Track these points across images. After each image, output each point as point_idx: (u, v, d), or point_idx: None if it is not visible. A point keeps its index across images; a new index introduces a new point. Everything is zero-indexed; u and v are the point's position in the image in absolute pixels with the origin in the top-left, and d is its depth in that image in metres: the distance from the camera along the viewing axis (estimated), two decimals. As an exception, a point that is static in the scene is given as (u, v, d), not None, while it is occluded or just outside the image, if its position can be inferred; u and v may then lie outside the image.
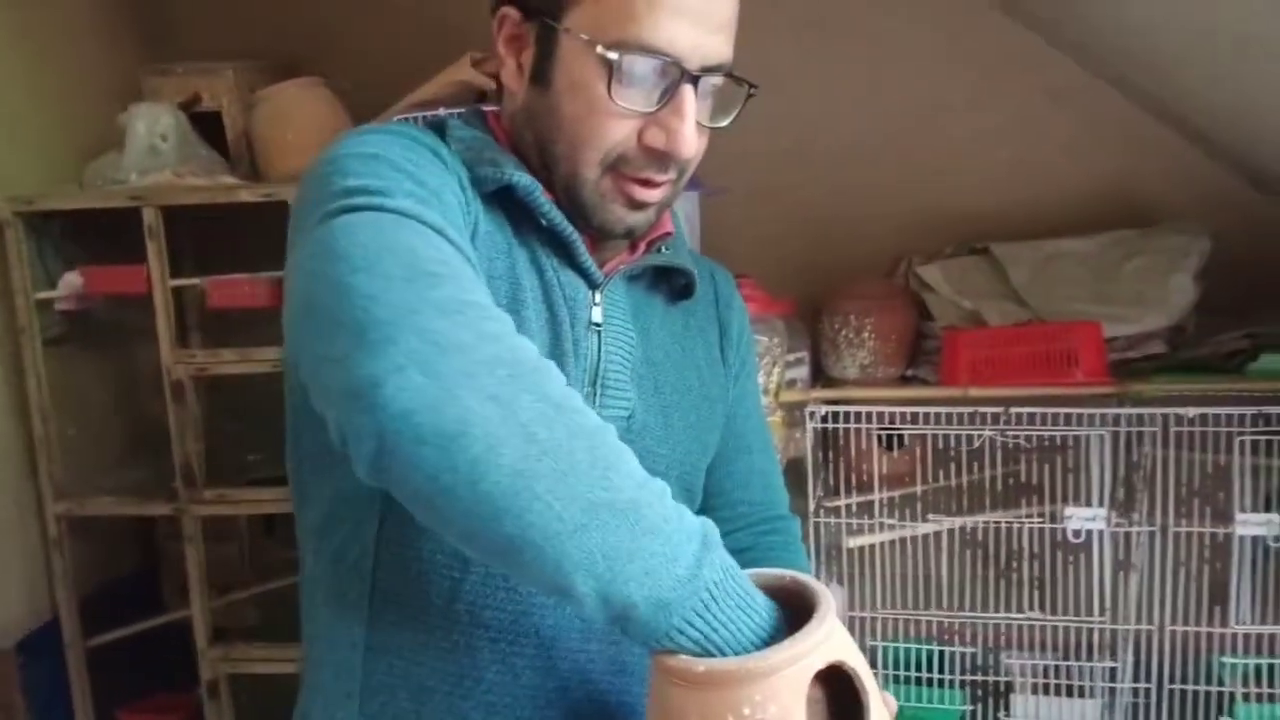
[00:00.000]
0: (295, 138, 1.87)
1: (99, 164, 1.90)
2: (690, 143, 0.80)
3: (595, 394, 0.84)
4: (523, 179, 0.82)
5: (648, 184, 0.82)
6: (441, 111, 1.60)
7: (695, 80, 0.79)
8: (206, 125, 1.94)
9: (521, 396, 0.61)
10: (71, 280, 1.82)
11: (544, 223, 0.83)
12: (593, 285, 0.86)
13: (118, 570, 2.08)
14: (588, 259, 0.85)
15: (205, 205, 1.78)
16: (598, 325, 0.85)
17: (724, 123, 0.86)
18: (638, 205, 0.83)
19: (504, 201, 0.83)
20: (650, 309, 0.92)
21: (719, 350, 0.99)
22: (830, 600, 0.67)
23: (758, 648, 0.62)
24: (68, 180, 1.95)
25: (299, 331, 0.68)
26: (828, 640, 0.64)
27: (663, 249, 0.92)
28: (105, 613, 1.96)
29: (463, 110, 0.92)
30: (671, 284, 0.95)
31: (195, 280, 1.79)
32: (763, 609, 0.64)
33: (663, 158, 0.81)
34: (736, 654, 0.62)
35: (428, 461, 0.59)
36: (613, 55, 0.77)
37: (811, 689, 0.63)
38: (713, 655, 0.62)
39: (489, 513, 0.59)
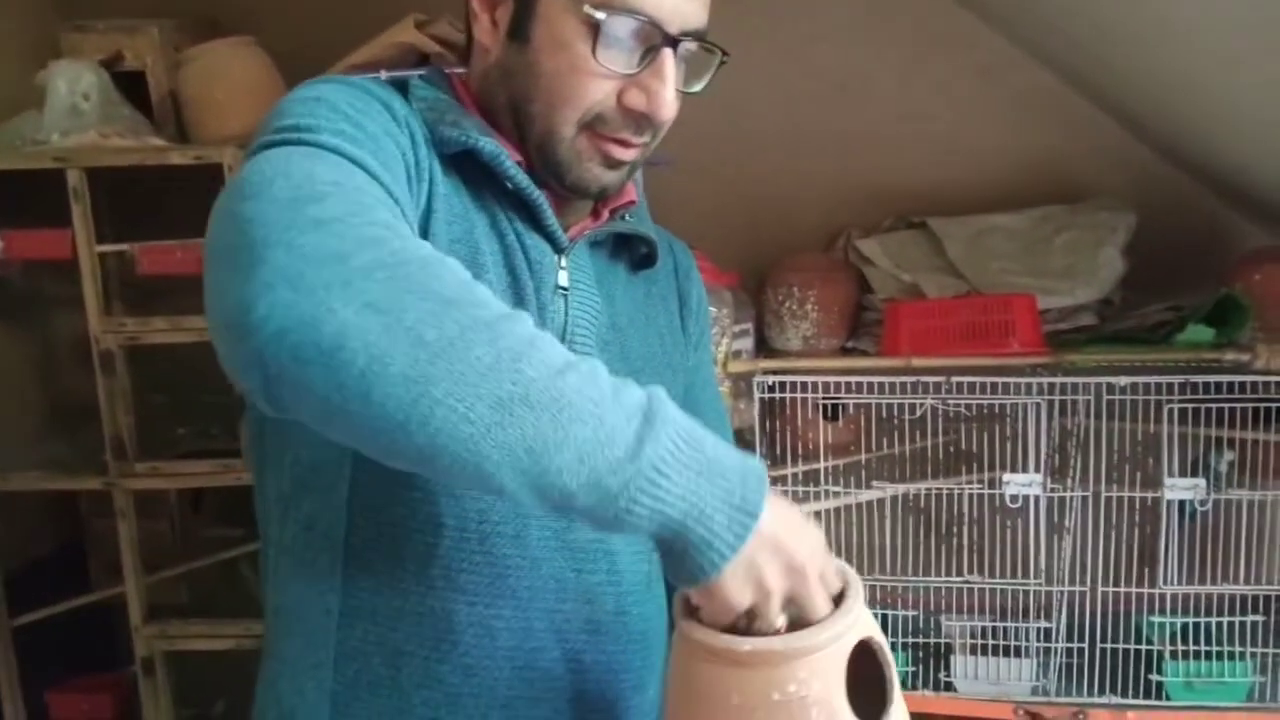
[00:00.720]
0: (226, 98, 1.81)
1: (16, 123, 1.81)
2: (670, 105, 0.81)
3: None
4: (487, 144, 0.81)
5: (624, 144, 0.83)
6: (383, 74, 1.56)
7: (675, 44, 0.80)
8: (129, 85, 1.86)
9: (405, 298, 0.58)
10: (-9, 245, 1.74)
11: (509, 186, 0.83)
12: (558, 249, 0.86)
13: (41, 549, 2.01)
14: (554, 222, 0.85)
15: (132, 167, 1.71)
16: (564, 289, 0.85)
17: (697, 88, 0.86)
18: (613, 164, 0.84)
19: (465, 165, 0.82)
20: (614, 275, 0.93)
21: (679, 319, 1.00)
22: (857, 577, 0.69)
23: (734, 515, 0.62)
24: (-18, 141, 1.85)
25: (205, 273, 0.64)
26: (861, 616, 0.66)
27: (626, 216, 0.93)
28: (30, 592, 1.89)
29: (425, 70, 0.91)
30: (633, 252, 0.95)
31: (123, 246, 1.73)
32: (733, 472, 0.63)
33: (641, 119, 0.81)
34: (706, 529, 0.62)
35: (315, 382, 0.57)
36: (599, 15, 0.77)
37: None
38: (680, 531, 0.62)
39: (391, 426, 0.58)
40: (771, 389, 1.62)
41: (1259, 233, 1.91)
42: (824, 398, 1.62)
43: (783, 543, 0.64)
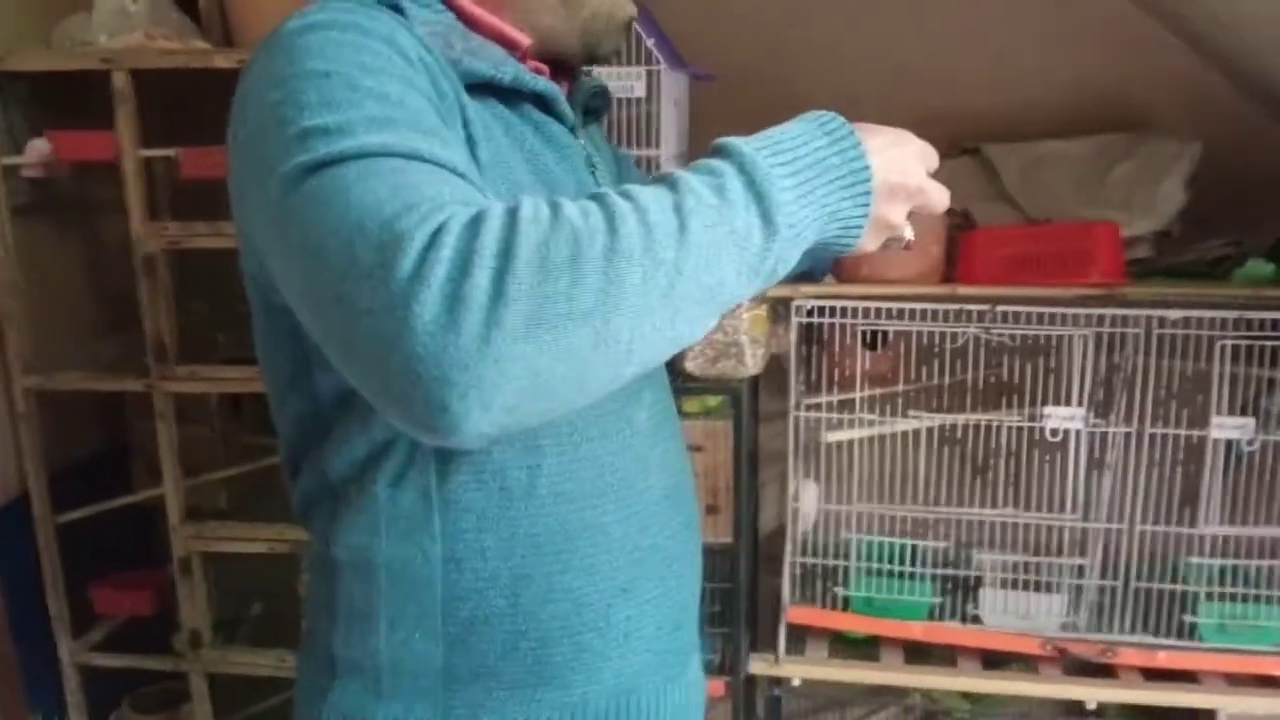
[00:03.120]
0: (269, 2, 1.79)
1: (67, 24, 1.81)
2: None
3: None
4: (508, 72, 0.79)
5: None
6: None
7: None
8: (177, -12, 1.85)
9: (544, 299, 0.57)
10: (39, 146, 1.75)
11: (531, 90, 0.82)
12: (569, 128, 0.87)
13: (86, 447, 2.06)
14: (567, 107, 0.86)
15: (178, 70, 1.70)
16: (593, 165, 0.88)
17: None
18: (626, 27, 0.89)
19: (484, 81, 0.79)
20: (598, 137, 0.98)
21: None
22: None
23: (853, 194, 0.70)
24: (34, 41, 1.86)
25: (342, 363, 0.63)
26: None
27: (582, 73, 0.93)
28: (74, 489, 1.94)
29: None
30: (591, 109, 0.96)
31: (168, 151, 1.73)
32: (828, 151, 0.69)
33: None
34: (841, 225, 0.70)
35: (534, 415, 0.61)
36: None
37: None
38: (824, 240, 0.70)
39: (606, 382, 0.62)
40: (810, 314, 1.59)
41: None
42: (864, 324, 1.59)
43: (896, 185, 0.72)
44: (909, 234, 0.77)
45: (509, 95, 0.81)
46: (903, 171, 0.72)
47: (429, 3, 0.82)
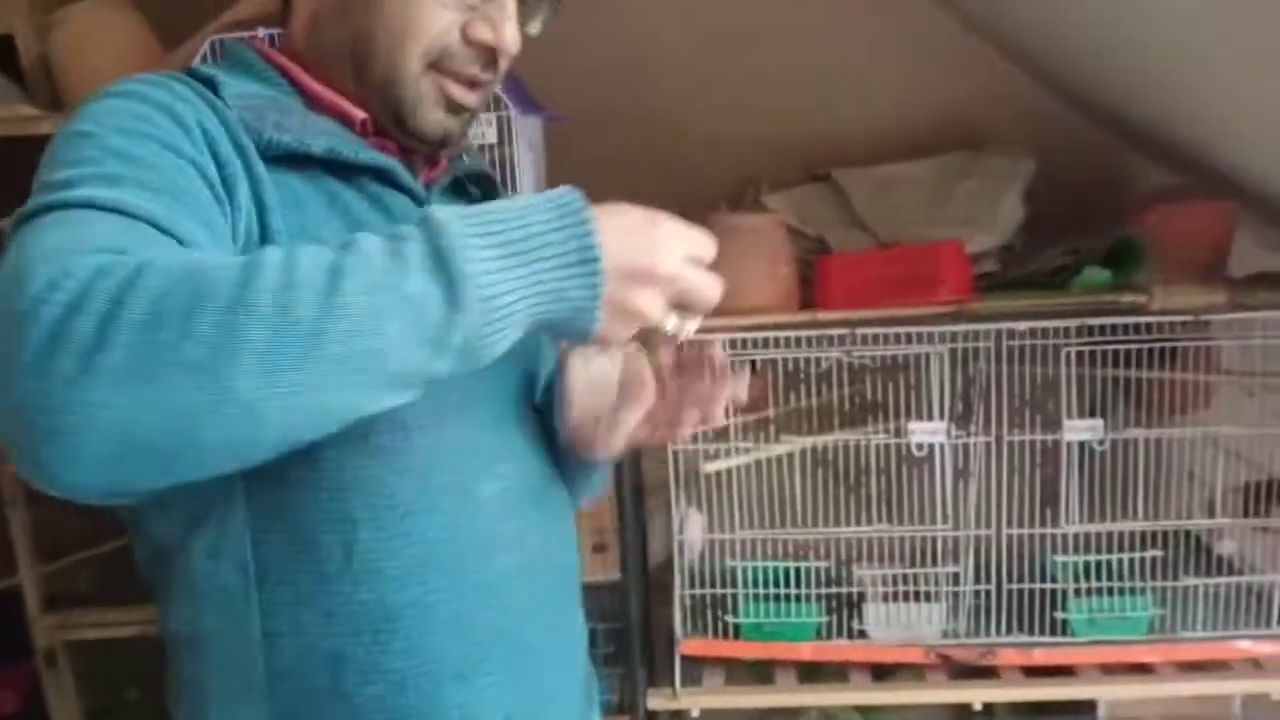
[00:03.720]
0: (101, 61, 1.71)
1: None
2: (515, 37, 0.82)
3: None
4: (319, 143, 0.77)
5: (472, 84, 0.83)
6: (260, 32, 1.50)
7: None
8: (-3, 50, 1.76)
9: (149, 346, 0.54)
10: None
11: (355, 162, 0.80)
12: (419, 203, 0.85)
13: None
14: (410, 180, 0.84)
15: (4, 139, 1.62)
16: None
17: (534, 30, 0.88)
18: (456, 108, 0.84)
19: (298, 154, 0.78)
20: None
21: None
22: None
23: (578, 273, 0.64)
24: None
25: None
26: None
27: (462, 158, 0.93)
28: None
29: (229, 47, 0.87)
30: (470, 194, 0.95)
31: (-5, 223, 1.64)
32: (551, 230, 0.64)
33: (488, 52, 0.82)
34: (563, 302, 0.65)
35: (144, 473, 0.58)
36: None
37: None
38: (542, 318, 0.65)
39: (237, 445, 0.58)
40: (680, 347, 1.60)
41: (1158, 173, 1.94)
42: (732, 354, 1.61)
43: (635, 269, 0.66)
44: (672, 324, 0.70)
45: (341, 168, 0.80)
46: (646, 255, 0.66)
47: (268, 77, 0.83)
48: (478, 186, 0.95)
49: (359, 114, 0.83)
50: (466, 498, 0.80)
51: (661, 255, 0.67)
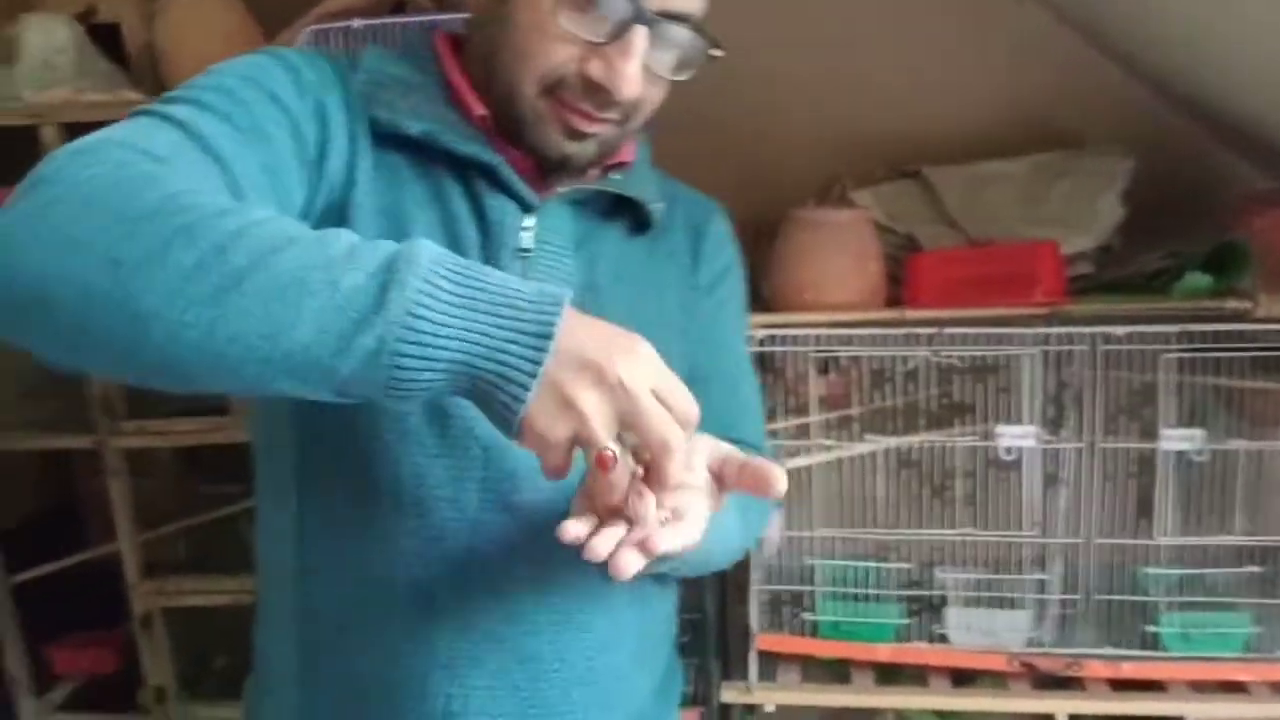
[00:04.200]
0: (203, 48, 1.76)
1: (-11, 80, 1.77)
2: (632, 84, 0.78)
3: None
4: (416, 127, 0.80)
5: (586, 116, 0.80)
6: (356, 23, 1.52)
7: (649, 22, 0.77)
8: (105, 38, 1.82)
9: (95, 228, 0.58)
10: (-34, 206, 1.71)
11: (447, 150, 0.81)
12: (525, 209, 0.84)
13: (37, 506, 2.02)
14: (515, 182, 0.83)
15: (108, 122, 1.67)
16: (525, 251, 0.84)
17: (681, 76, 0.84)
18: (574, 134, 0.82)
19: (410, 138, 0.81)
20: (602, 236, 0.90)
21: (691, 278, 0.97)
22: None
23: (526, 340, 0.59)
24: (-44, 98, 1.82)
25: None
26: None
27: (614, 177, 0.90)
28: (27, 549, 1.90)
29: (416, 22, 0.92)
30: (634, 215, 0.92)
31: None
32: (522, 298, 0.60)
33: (600, 93, 0.79)
34: (497, 362, 0.59)
35: (36, 335, 0.60)
36: None
37: None
38: (470, 372, 0.59)
39: (120, 350, 0.58)
40: (763, 343, 1.60)
41: (1261, 176, 1.86)
42: (816, 351, 1.60)
43: (590, 357, 0.60)
44: (613, 445, 0.61)
45: (455, 159, 0.82)
46: (604, 353, 0.60)
47: (420, 62, 0.86)
48: (629, 214, 0.91)
49: (478, 109, 0.84)
50: (499, 501, 0.81)
51: (622, 362, 0.60)
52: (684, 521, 0.66)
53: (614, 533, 0.63)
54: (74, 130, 1.65)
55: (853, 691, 1.66)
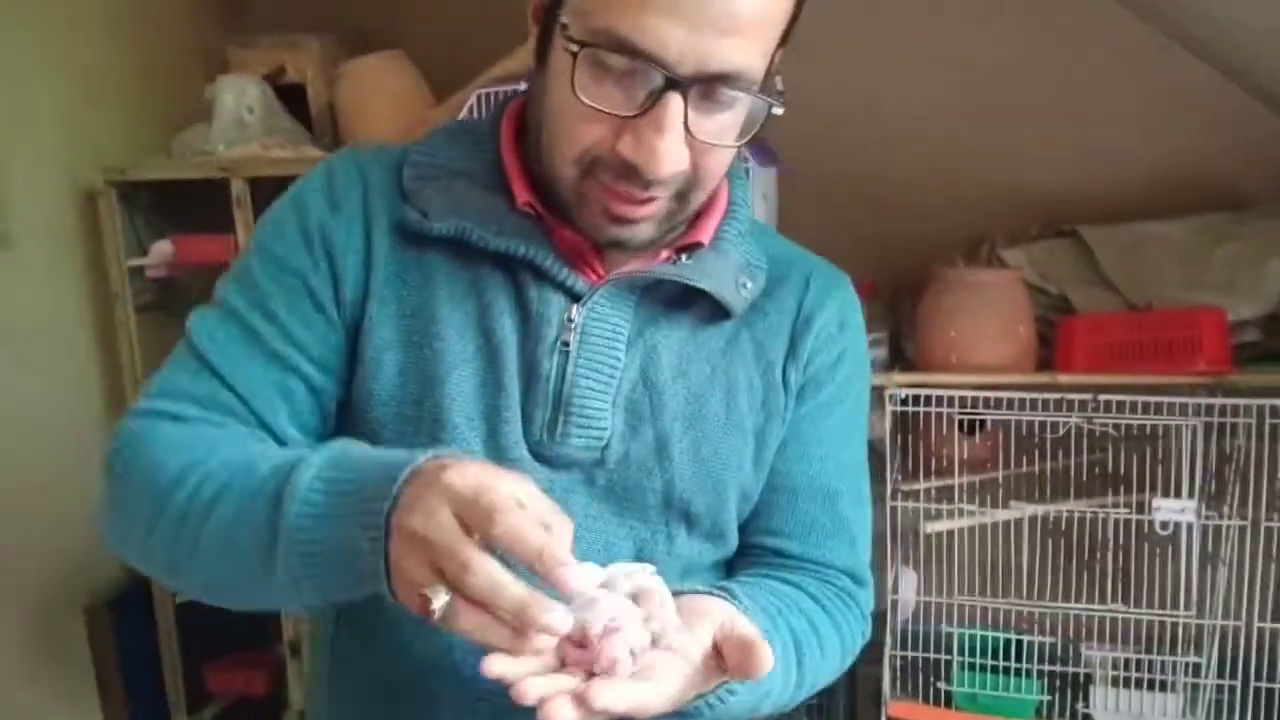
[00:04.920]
0: (378, 110, 1.89)
1: (186, 135, 1.93)
2: (666, 161, 0.68)
3: (559, 420, 0.77)
4: (446, 226, 0.76)
5: (627, 199, 0.72)
6: (524, 85, 1.59)
7: (683, 88, 0.67)
8: (290, 98, 1.97)
9: (144, 535, 0.72)
10: (162, 248, 1.86)
11: (481, 248, 0.76)
12: (575, 298, 0.77)
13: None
14: (559, 272, 0.77)
15: (291, 177, 1.80)
16: (566, 346, 0.77)
17: (738, 141, 0.73)
18: (618, 219, 0.73)
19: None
20: (670, 324, 0.80)
21: (780, 372, 0.83)
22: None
23: (369, 533, 0.59)
24: (155, 151, 1.99)
25: None
26: None
27: (683, 259, 0.80)
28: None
29: (470, 125, 0.86)
30: (715, 300, 0.80)
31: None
32: (369, 485, 0.60)
33: (635, 172, 0.69)
34: (362, 562, 0.59)
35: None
36: (572, 47, 0.67)
37: None
38: (353, 576, 0.61)
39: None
40: (905, 402, 1.58)
41: None
42: (961, 413, 1.57)
43: (412, 532, 0.56)
44: (438, 600, 0.54)
45: (498, 253, 0.77)
46: (424, 521, 0.56)
47: (479, 147, 0.81)
48: (709, 298, 0.80)
49: (522, 196, 0.78)
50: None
51: (438, 524, 0.56)
52: (645, 684, 0.58)
53: (557, 679, 0.57)
54: (258, 183, 1.80)
55: (988, 766, 1.62)
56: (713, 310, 0.81)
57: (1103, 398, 1.48)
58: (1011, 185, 1.95)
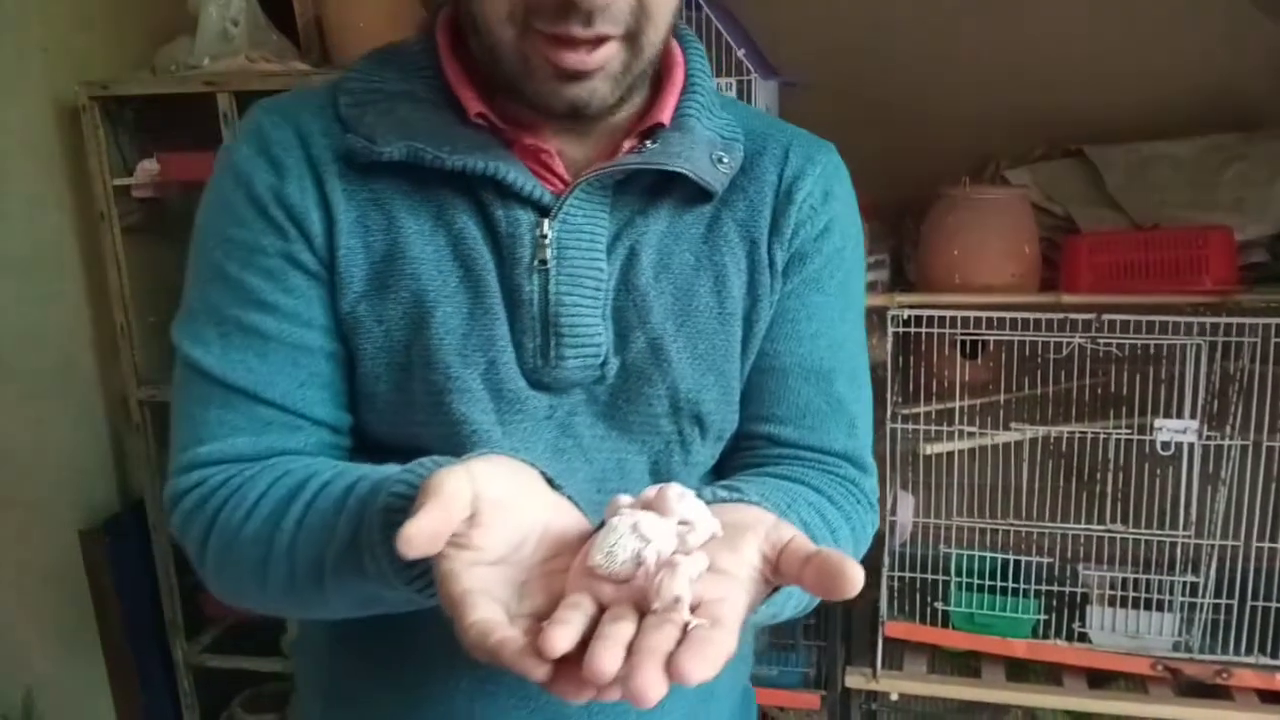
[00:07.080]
0: (366, 23, 1.83)
1: (170, 49, 1.88)
2: None
3: (550, 344, 0.74)
4: (395, 151, 0.71)
5: (570, 43, 0.66)
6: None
7: None
8: (275, 9, 1.91)
9: (242, 578, 0.72)
10: (148, 167, 1.82)
11: (442, 169, 0.71)
12: (543, 212, 0.73)
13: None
14: (524, 185, 0.72)
15: (279, 90, 1.75)
16: (544, 264, 0.73)
17: None
18: (570, 75, 0.68)
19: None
20: (646, 219, 0.76)
21: (765, 251, 0.78)
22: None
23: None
24: (139, 65, 1.93)
25: None
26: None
27: (648, 145, 0.75)
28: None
29: (399, 46, 0.79)
30: (690, 181, 0.75)
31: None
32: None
33: (571, 6, 0.64)
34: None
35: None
36: None
37: None
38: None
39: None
40: (906, 323, 1.56)
41: None
42: (964, 333, 1.55)
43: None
44: None
45: (453, 173, 0.72)
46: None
47: (414, 69, 0.76)
48: (684, 181, 0.75)
49: (474, 106, 0.73)
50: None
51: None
52: (719, 628, 0.48)
53: (619, 634, 0.48)
54: (244, 98, 1.75)
55: (982, 686, 1.63)
56: (691, 195, 0.77)
57: (1107, 318, 1.46)
58: (1021, 104, 1.90)
